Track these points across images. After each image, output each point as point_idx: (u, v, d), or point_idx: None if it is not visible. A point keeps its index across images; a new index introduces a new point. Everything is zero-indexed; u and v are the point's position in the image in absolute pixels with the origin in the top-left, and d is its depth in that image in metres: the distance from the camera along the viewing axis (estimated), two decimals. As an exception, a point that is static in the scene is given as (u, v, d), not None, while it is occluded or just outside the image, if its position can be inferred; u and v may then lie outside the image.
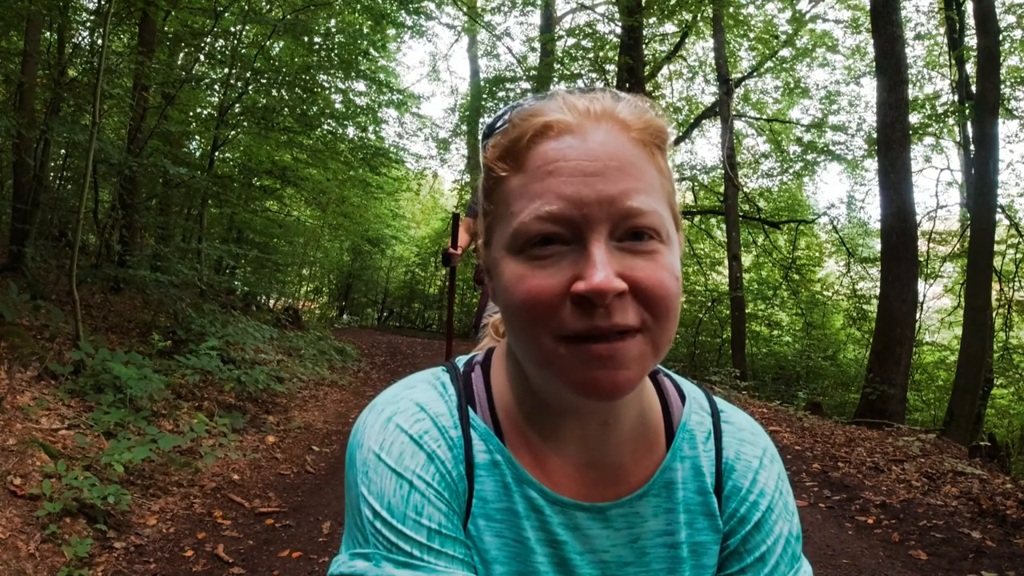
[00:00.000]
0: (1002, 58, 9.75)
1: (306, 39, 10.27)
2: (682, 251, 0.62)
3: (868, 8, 10.20)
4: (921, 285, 10.57)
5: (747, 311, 13.78)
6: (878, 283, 9.68)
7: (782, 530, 0.68)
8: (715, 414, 0.72)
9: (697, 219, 16.47)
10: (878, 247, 10.33)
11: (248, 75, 9.17)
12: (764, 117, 16.67)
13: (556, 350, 0.55)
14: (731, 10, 12.54)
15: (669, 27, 14.93)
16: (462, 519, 0.63)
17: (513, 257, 0.57)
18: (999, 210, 9.68)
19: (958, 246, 12.44)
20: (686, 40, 15.22)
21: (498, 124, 0.62)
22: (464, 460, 0.63)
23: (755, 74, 15.50)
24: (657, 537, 0.67)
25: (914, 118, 11.68)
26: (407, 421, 0.63)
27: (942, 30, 13.04)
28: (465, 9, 14.81)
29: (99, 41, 6.47)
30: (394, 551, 0.58)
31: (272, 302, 14.83)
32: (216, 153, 9.64)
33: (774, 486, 0.69)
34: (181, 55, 10.08)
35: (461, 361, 0.73)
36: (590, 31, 14.24)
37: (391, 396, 0.66)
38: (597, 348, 0.54)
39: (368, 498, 0.60)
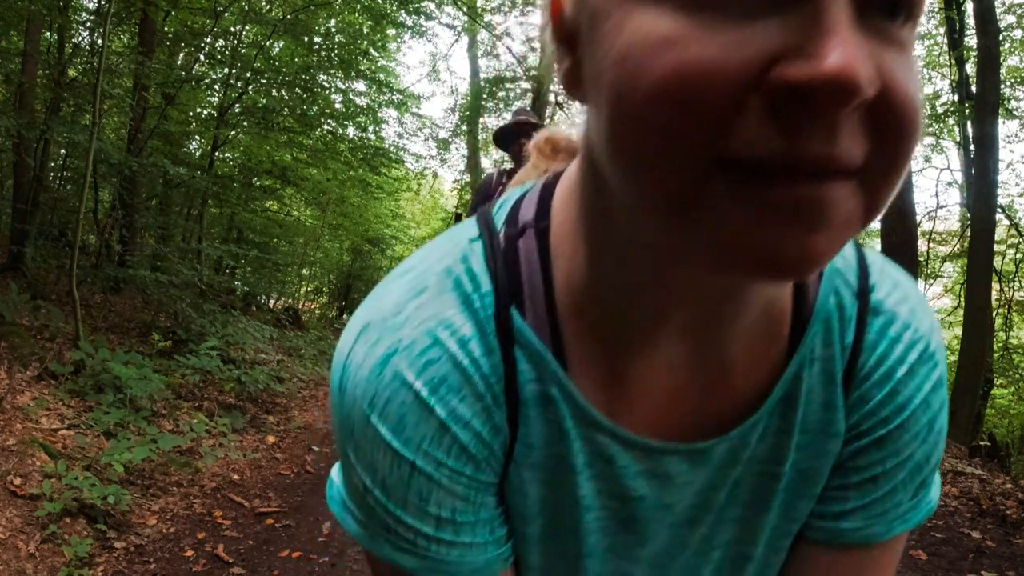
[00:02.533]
0: (1002, 58, 9.75)
1: (306, 39, 10.27)
2: None
3: (868, 8, 10.19)
4: (921, 285, 10.57)
5: (747, 311, 13.76)
6: (878, 283, 9.66)
7: (913, 453, 0.49)
8: (863, 292, 0.48)
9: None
10: (878, 247, 10.33)
11: (248, 75, 9.17)
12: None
13: (706, 186, 0.30)
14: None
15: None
16: (498, 475, 0.47)
17: (647, 1, 0.30)
18: (999, 210, 9.67)
19: (958, 246, 12.43)
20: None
21: None
22: (504, 398, 0.44)
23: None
24: (757, 464, 0.49)
25: (914, 118, 11.65)
26: (413, 365, 0.43)
27: (942, 30, 13.03)
28: (465, 9, 14.80)
29: (99, 41, 6.47)
30: (392, 535, 0.46)
31: (272, 302, 14.83)
32: (216, 153, 9.64)
33: (921, 399, 0.49)
34: (181, 55, 10.08)
35: (501, 212, 0.49)
36: (590, 31, 14.21)
37: (389, 309, 0.45)
38: (795, 190, 0.29)
39: (355, 464, 0.45)
